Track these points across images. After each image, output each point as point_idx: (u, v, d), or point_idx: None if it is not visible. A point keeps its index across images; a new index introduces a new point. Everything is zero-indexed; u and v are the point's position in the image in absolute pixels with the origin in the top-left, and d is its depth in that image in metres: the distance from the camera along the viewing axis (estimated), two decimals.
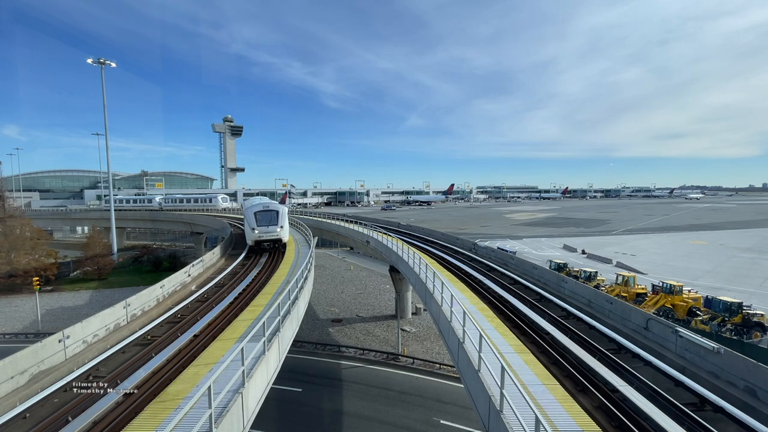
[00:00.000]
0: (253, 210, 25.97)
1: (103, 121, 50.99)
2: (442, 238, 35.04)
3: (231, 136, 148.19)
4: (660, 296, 30.50)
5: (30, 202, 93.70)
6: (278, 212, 26.20)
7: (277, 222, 25.79)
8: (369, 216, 56.85)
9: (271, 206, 26.89)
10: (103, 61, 32.66)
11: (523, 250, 55.48)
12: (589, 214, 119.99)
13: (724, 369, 10.00)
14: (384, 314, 37.68)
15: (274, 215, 25.99)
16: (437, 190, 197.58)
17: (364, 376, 25.93)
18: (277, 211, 26.18)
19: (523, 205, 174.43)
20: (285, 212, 26.79)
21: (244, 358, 8.31)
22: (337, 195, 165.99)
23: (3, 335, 32.33)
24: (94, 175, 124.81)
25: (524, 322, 13.78)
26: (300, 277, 15.87)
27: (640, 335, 13.11)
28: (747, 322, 25.94)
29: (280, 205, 27.67)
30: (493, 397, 8.05)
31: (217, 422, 6.83)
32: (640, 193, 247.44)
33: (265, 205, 26.74)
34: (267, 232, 25.38)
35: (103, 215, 72.59)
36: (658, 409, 8.33)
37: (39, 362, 9.58)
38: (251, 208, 26.45)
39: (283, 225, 25.92)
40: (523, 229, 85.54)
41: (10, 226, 48.42)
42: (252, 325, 12.40)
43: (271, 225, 25.49)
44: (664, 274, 41.78)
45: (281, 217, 26.11)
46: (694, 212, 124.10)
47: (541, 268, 21.69)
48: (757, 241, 66.31)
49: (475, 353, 9.49)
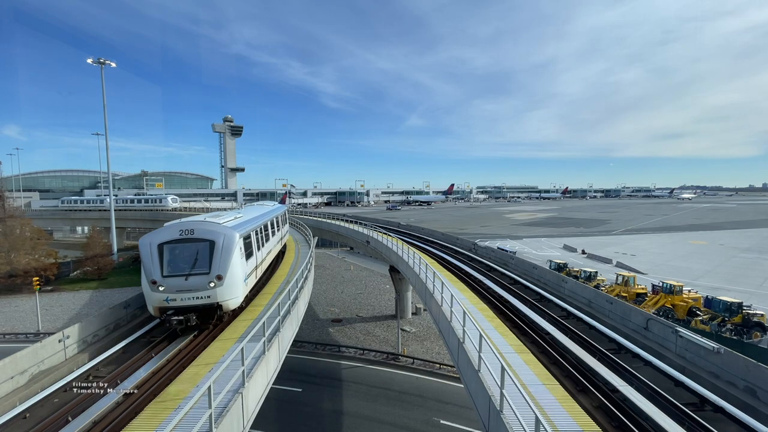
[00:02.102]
0: (162, 238, 11.89)
1: (103, 121, 51.03)
2: (442, 238, 35.04)
3: (231, 136, 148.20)
4: (660, 296, 30.50)
5: (30, 202, 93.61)
6: (217, 243, 12.07)
7: (213, 262, 11.89)
8: (369, 216, 56.86)
9: (210, 228, 12.44)
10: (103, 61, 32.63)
11: (523, 250, 55.45)
12: (589, 214, 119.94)
13: (724, 369, 10.00)
14: (384, 314, 37.67)
15: (206, 249, 11.98)
16: (437, 190, 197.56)
17: (364, 376, 25.92)
18: (213, 241, 12.06)
19: (523, 205, 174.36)
20: (242, 241, 13.32)
21: (244, 358, 8.31)
22: (337, 195, 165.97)
23: (3, 335, 32.33)
24: (94, 175, 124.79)
25: (524, 322, 13.78)
26: (300, 277, 15.86)
27: (640, 335, 13.11)
28: (747, 322, 25.94)
29: (232, 226, 13.39)
30: (493, 397, 8.05)
31: (217, 422, 6.83)
32: (640, 193, 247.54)
33: (190, 228, 12.13)
34: (186, 290, 11.54)
35: (103, 215, 72.59)
36: (658, 409, 8.33)
37: (39, 362, 9.58)
38: (162, 233, 12.06)
39: (232, 270, 12.13)
40: (523, 229, 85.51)
41: (10, 226, 48.41)
42: (252, 325, 12.39)
43: (196, 271, 11.77)
44: (664, 274, 41.78)
45: (230, 251, 12.18)
46: (694, 212, 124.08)
47: (541, 268, 21.69)
48: (757, 241, 66.30)
49: (475, 353, 9.49)
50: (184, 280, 11.52)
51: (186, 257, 11.86)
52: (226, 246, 12.10)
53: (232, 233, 12.56)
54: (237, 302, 12.55)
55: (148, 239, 11.86)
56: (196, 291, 11.56)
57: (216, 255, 11.89)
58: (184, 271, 11.64)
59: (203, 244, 11.99)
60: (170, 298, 11.43)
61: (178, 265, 11.72)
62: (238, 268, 12.44)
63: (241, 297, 12.80)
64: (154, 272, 11.41)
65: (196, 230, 12.09)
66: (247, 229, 14.64)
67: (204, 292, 11.62)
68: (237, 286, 12.36)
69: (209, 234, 12.13)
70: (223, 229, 12.57)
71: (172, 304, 11.49)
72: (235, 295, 12.35)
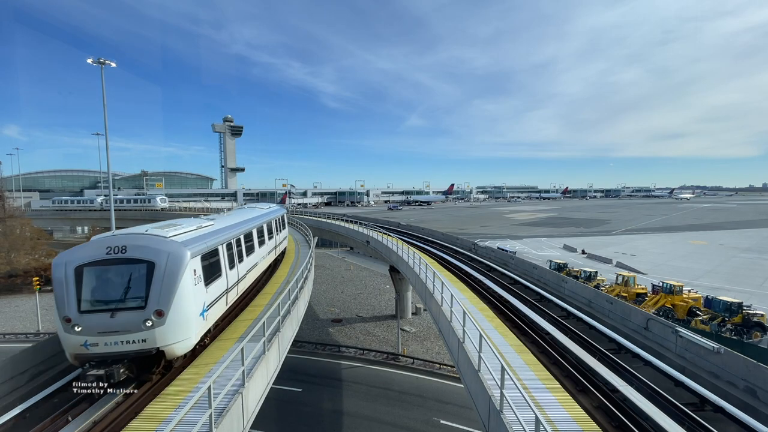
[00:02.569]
0: (81, 258, 8.72)
1: (103, 121, 51.00)
2: (442, 238, 35.06)
3: (231, 136, 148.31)
4: (660, 296, 30.50)
5: (30, 202, 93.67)
6: (158, 265, 8.82)
7: (151, 293, 8.68)
8: (369, 216, 56.87)
9: (149, 243, 9.16)
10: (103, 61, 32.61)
11: (523, 250, 55.45)
12: (589, 214, 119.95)
13: (724, 369, 10.01)
14: (384, 314, 37.68)
15: (142, 274, 8.75)
16: (437, 190, 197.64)
17: (364, 376, 25.93)
18: (152, 262, 8.80)
19: (523, 205, 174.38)
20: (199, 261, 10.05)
21: (244, 358, 8.32)
22: (337, 195, 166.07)
23: (3, 335, 32.34)
24: (94, 175, 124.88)
25: (524, 322, 13.79)
26: (300, 277, 15.85)
27: (640, 335, 13.12)
28: (747, 322, 25.94)
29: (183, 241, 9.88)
30: (493, 397, 8.06)
31: (217, 422, 6.84)
32: (640, 193, 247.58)
33: (121, 244, 8.84)
34: (112, 332, 8.42)
35: (103, 215, 72.62)
36: (658, 409, 8.33)
37: (39, 362, 9.58)
38: (82, 251, 8.90)
39: (179, 303, 8.91)
40: (523, 229, 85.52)
41: (10, 226, 48.44)
42: (252, 325, 12.38)
43: (126, 305, 8.61)
44: (664, 274, 41.79)
45: (176, 276, 8.92)
46: (694, 212, 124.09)
47: (541, 268, 21.71)
48: (757, 241, 66.30)
49: (475, 353, 9.49)
50: (110, 318, 8.36)
51: (113, 286, 8.65)
52: (171, 269, 8.82)
53: (181, 251, 9.18)
54: (188, 345, 9.29)
55: (63, 259, 8.66)
56: (126, 333, 8.38)
57: (156, 282, 8.65)
58: (109, 306, 8.47)
59: (138, 266, 8.72)
60: (90, 343, 8.27)
61: (102, 297, 8.55)
62: (189, 298, 9.14)
63: (194, 337, 9.44)
64: (68, 306, 8.27)
65: (130, 247, 8.78)
66: (213, 242, 11.24)
67: (137, 335, 8.46)
68: (187, 324, 9.12)
69: (147, 252, 8.83)
70: (169, 245, 9.24)
71: (94, 350, 8.32)
72: (185, 336, 9.10)
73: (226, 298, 12.08)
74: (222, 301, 11.64)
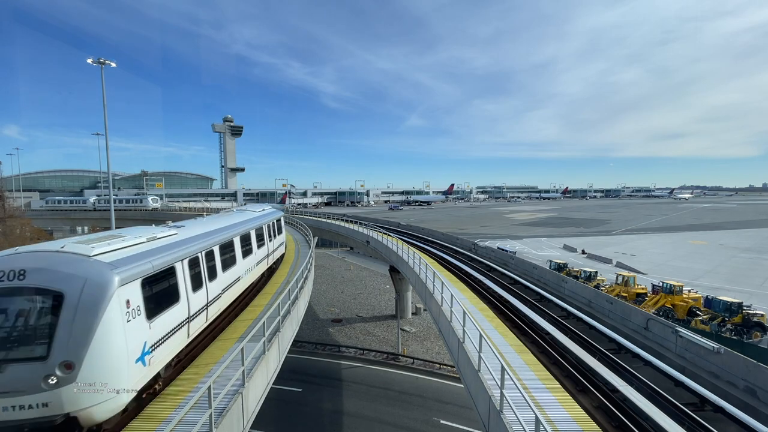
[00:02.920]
0: None
1: (103, 121, 51.01)
2: (442, 238, 35.07)
3: (231, 136, 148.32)
4: (660, 296, 30.49)
5: (30, 202, 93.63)
6: (68, 297, 6.10)
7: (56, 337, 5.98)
8: (369, 216, 56.89)
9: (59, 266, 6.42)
10: (103, 61, 32.62)
11: (523, 250, 55.45)
12: (589, 214, 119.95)
13: (724, 369, 10.01)
14: (384, 314, 37.68)
15: (43, 310, 6.22)
16: (437, 190, 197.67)
17: (364, 376, 25.93)
18: (59, 293, 6.13)
19: (523, 205, 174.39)
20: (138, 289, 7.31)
21: (244, 358, 8.31)
22: (337, 195, 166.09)
23: None
24: (94, 175, 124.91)
25: (524, 322, 13.79)
26: (300, 277, 15.84)
27: (640, 335, 13.12)
28: (747, 322, 25.94)
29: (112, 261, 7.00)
30: (493, 397, 8.06)
31: (217, 422, 6.84)
32: (640, 193, 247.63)
33: (19, 268, 6.19)
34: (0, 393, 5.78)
35: (103, 215, 72.64)
36: (658, 409, 8.33)
37: None
38: None
39: (100, 350, 6.16)
40: (523, 229, 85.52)
41: (10, 226, 48.42)
42: (252, 325, 12.37)
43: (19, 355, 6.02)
44: (664, 274, 41.77)
45: (95, 312, 6.16)
46: (694, 212, 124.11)
47: (541, 268, 21.72)
48: (757, 241, 66.30)
49: (475, 353, 9.49)
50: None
51: (1, 327, 6.19)
52: (88, 301, 6.21)
53: (104, 276, 6.56)
54: (115, 405, 6.59)
55: None
56: (18, 394, 5.86)
57: (64, 320, 6.06)
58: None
59: (40, 298, 6.26)
60: None
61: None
62: (115, 342, 6.47)
63: (126, 394, 6.69)
64: None
65: (30, 271, 6.23)
66: (165, 259, 8.59)
67: (36, 397, 5.90)
68: (113, 378, 6.40)
69: (54, 278, 6.25)
70: (89, 267, 6.60)
71: None
72: (109, 396, 6.35)
73: (188, 328, 9.38)
74: (181, 333, 9.01)
